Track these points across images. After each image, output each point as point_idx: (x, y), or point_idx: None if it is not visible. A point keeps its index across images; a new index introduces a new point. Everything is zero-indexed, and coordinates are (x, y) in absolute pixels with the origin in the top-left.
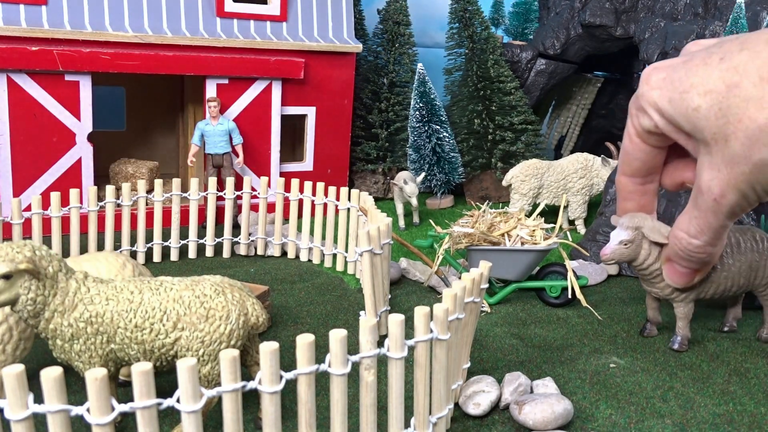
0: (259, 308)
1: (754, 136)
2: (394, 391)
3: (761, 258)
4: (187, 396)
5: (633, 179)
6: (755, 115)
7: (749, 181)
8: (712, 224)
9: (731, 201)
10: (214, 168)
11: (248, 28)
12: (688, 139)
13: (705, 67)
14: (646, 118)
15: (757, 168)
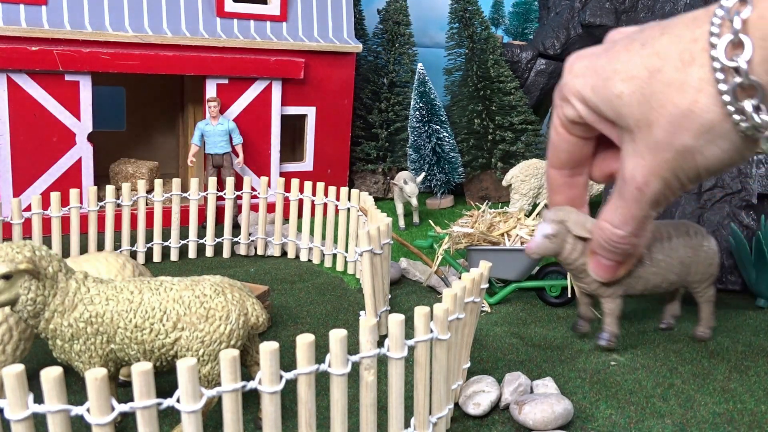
0: (259, 308)
1: (677, 122)
2: (394, 391)
3: (694, 254)
4: (187, 396)
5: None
6: (677, 100)
7: (672, 168)
8: (635, 214)
9: (654, 189)
10: (214, 168)
11: (248, 28)
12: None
13: (627, 53)
14: (569, 107)
15: (680, 154)
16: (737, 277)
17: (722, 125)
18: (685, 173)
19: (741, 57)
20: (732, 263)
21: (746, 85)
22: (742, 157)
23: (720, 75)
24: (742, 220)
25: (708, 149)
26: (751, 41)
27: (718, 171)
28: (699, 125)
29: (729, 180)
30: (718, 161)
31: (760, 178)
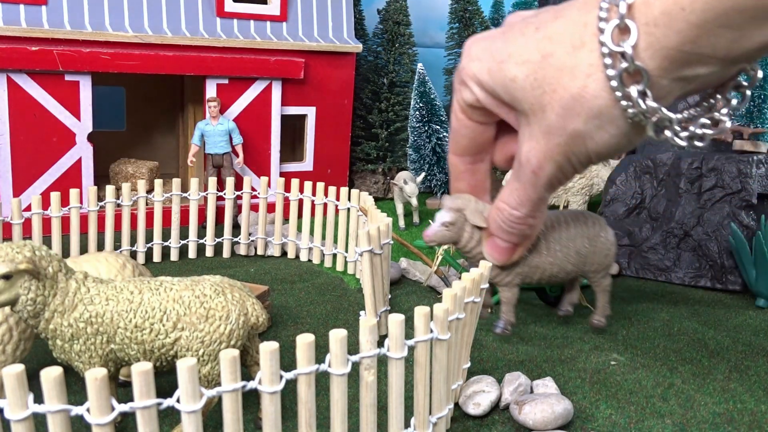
0: (259, 308)
1: (568, 106)
2: (394, 391)
3: (591, 244)
4: (187, 396)
5: (463, 158)
6: (569, 85)
7: (565, 152)
8: (531, 196)
9: (548, 172)
10: (214, 168)
11: (248, 28)
12: (510, 112)
13: (522, 36)
14: (467, 91)
15: (572, 139)
16: (737, 277)
17: (611, 111)
18: (577, 157)
19: (627, 42)
20: (732, 263)
21: (632, 70)
22: (631, 142)
23: (608, 60)
24: (742, 220)
25: (598, 134)
26: (636, 26)
27: (608, 155)
28: (588, 110)
29: (729, 180)
30: (608, 146)
31: (760, 178)
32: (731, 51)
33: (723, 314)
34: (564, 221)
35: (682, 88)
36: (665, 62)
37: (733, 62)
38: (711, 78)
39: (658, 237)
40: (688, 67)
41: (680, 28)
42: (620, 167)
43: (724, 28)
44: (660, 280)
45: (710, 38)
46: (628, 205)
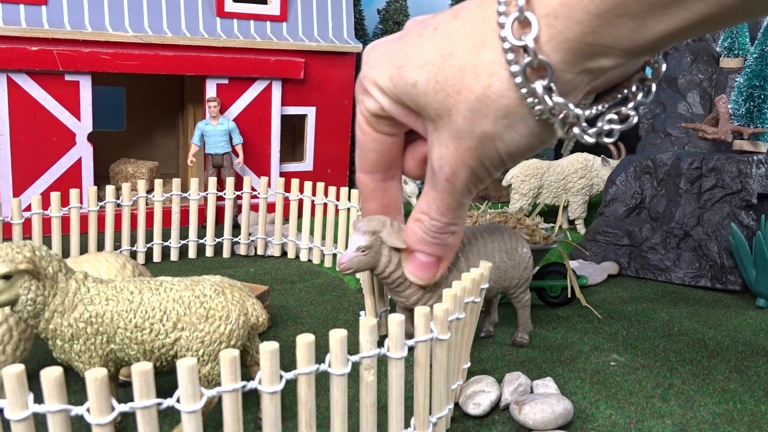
0: (259, 308)
1: (475, 108)
2: (394, 391)
3: (510, 258)
4: (187, 396)
5: (372, 176)
6: (472, 85)
7: (477, 156)
8: (450, 204)
9: (463, 178)
10: (214, 168)
11: (248, 28)
12: (417, 119)
13: (420, 38)
14: (370, 100)
15: (481, 141)
16: (737, 277)
17: (518, 109)
18: (490, 160)
19: (528, 35)
20: (732, 263)
21: (535, 64)
22: (543, 142)
23: (510, 56)
24: (742, 220)
25: (507, 135)
26: (537, 19)
27: (521, 156)
28: (496, 110)
29: (729, 180)
30: (519, 146)
31: (760, 178)
32: (633, 41)
33: (723, 314)
34: (481, 236)
35: (588, 82)
36: (568, 55)
37: (637, 53)
38: (616, 72)
39: (658, 237)
40: (591, 59)
41: (580, 19)
42: (620, 167)
43: (624, 17)
44: (660, 280)
45: (611, 28)
46: (628, 205)
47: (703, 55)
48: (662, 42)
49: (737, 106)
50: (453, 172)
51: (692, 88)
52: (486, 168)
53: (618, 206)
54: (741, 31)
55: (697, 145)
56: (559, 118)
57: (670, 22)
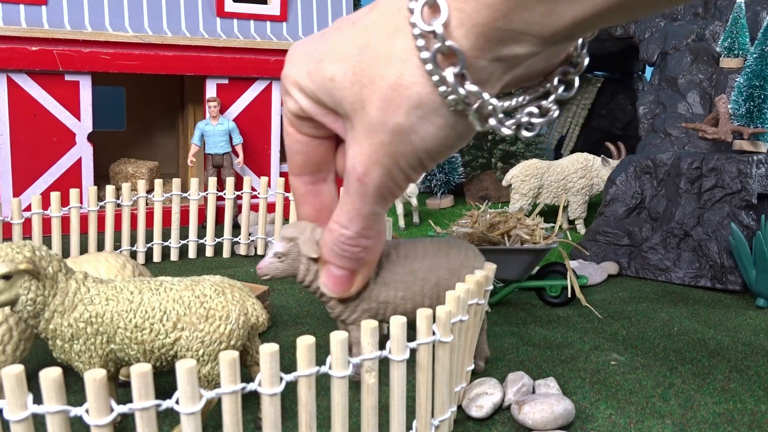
0: (259, 308)
1: (388, 98)
2: (395, 394)
3: (452, 276)
4: (186, 397)
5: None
6: (385, 73)
7: (391, 153)
8: (360, 210)
9: (376, 179)
10: (214, 168)
11: (248, 28)
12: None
13: (339, 32)
14: (290, 100)
15: (395, 135)
16: (737, 277)
17: (431, 98)
18: (406, 159)
19: (437, 20)
20: (732, 263)
21: (445, 51)
22: (460, 136)
23: (420, 42)
24: (742, 220)
25: (422, 127)
26: (447, 3)
27: (439, 154)
28: (408, 99)
29: (729, 180)
30: (436, 142)
31: (760, 178)
32: (545, 27)
33: (723, 314)
34: (422, 251)
35: (504, 70)
36: (480, 40)
37: (551, 40)
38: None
39: (658, 237)
40: (504, 46)
41: (490, 2)
42: (620, 167)
43: (534, 1)
44: (660, 280)
45: (522, 12)
46: (628, 205)
47: (703, 55)
48: (576, 28)
49: (737, 106)
50: (365, 171)
51: (692, 88)
52: (402, 169)
53: (618, 206)
54: (741, 31)
55: (697, 145)
56: (474, 107)
57: (580, 8)
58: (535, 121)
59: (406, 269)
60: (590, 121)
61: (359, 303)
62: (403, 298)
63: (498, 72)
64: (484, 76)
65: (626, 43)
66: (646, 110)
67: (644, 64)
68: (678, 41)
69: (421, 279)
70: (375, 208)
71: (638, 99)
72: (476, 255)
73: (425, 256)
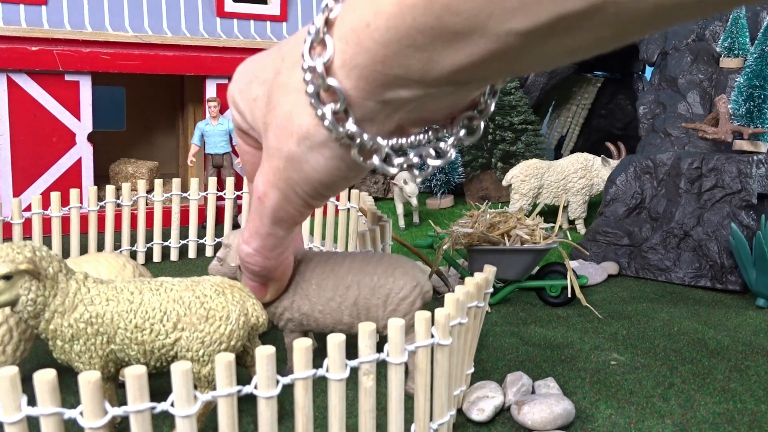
0: (259, 309)
1: (282, 125)
2: (393, 397)
3: (374, 297)
4: (181, 400)
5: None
6: (283, 101)
7: (286, 179)
8: (259, 229)
9: (273, 201)
10: (214, 168)
11: (248, 28)
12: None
13: (268, 56)
14: (233, 113)
15: (289, 162)
16: (737, 277)
17: (318, 131)
18: (301, 186)
19: (319, 58)
20: (732, 263)
21: (326, 88)
22: (351, 168)
23: (308, 76)
24: (742, 220)
25: (312, 158)
26: (333, 42)
27: (334, 184)
28: (298, 128)
29: (729, 180)
30: (328, 173)
31: (760, 178)
32: (426, 73)
33: (723, 314)
34: (347, 267)
35: (390, 111)
36: (360, 82)
37: (435, 85)
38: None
39: (658, 237)
40: (387, 89)
41: (368, 46)
42: (620, 167)
43: (411, 48)
44: (660, 280)
45: (400, 59)
46: (628, 205)
47: (703, 55)
48: (458, 75)
49: (737, 106)
50: (264, 192)
51: (692, 88)
52: (298, 194)
53: (618, 206)
54: (741, 31)
55: (697, 145)
56: (356, 143)
57: (458, 57)
58: (430, 162)
59: (328, 284)
60: (590, 121)
61: (283, 312)
62: (321, 312)
63: (384, 112)
64: (369, 115)
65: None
66: (646, 110)
67: (644, 64)
68: (678, 41)
69: (339, 295)
70: (273, 229)
71: (638, 99)
72: (401, 276)
73: (349, 272)
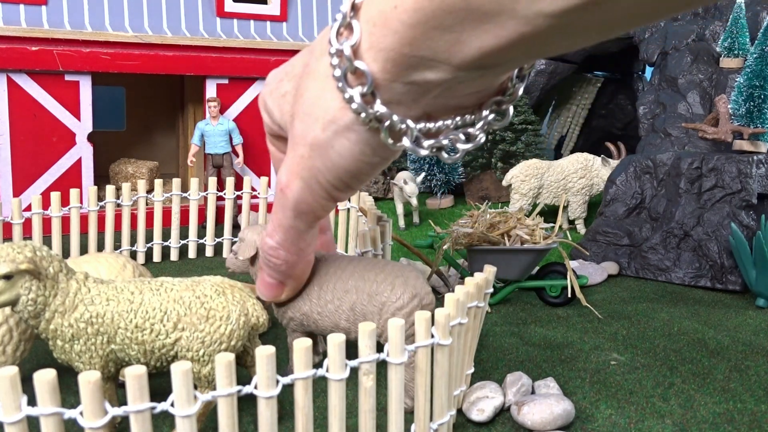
0: (259, 309)
1: (308, 111)
2: (393, 397)
3: (371, 304)
4: (181, 400)
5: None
6: (311, 86)
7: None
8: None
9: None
10: (214, 168)
11: (248, 28)
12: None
13: (299, 55)
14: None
15: (313, 149)
16: (737, 277)
17: (345, 114)
18: (324, 175)
19: (347, 41)
20: (732, 263)
21: (353, 70)
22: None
23: (335, 60)
24: (742, 220)
25: (338, 142)
26: (360, 25)
27: (359, 172)
28: (324, 113)
29: (729, 180)
30: (353, 158)
31: (760, 178)
32: (453, 55)
33: (723, 314)
34: (350, 271)
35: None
36: (388, 64)
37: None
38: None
39: (658, 237)
40: (414, 71)
41: (396, 28)
42: (620, 167)
43: (439, 30)
44: (660, 280)
45: (427, 41)
46: (628, 205)
47: (703, 55)
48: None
49: (737, 106)
50: (287, 183)
51: (692, 88)
52: (321, 185)
53: (618, 206)
54: (741, 31)
55: (697, 145)
56: (385, 125)
57: (486, 39)
58: (459, 146)
59: (329, 286)
60: (590, 121)
61: (286, 311)
62: (319, 314)
63: (411, 95)
64: (396, 98)
65: (626, 43)
66: (646, 110)
67: (644, 64)
68: (678, 41)
69: (338, 299)
70: (294, 222)
71: (638, 99)
72: (401, 285)
73: (350, 277)
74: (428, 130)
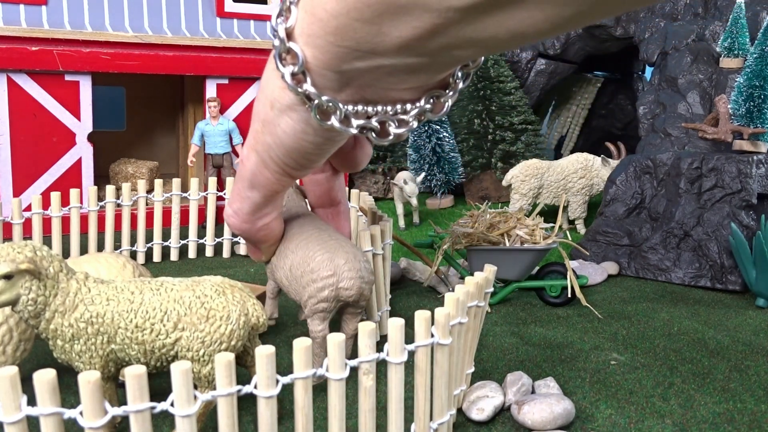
0: (259, 309)
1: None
2: (393, 397)
3: (299, 267)
4: (181, 400)
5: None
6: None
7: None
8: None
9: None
10: (214, 168)
11: (248, 28)
12: None
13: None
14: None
15: (265, 126)
16: (737, 277)
17: (285, 94)
18: (275, 151)
19: (283, 24)
20: (732, 263)
21: (285, 50)
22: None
23: (276, 42)
24: (742, 220)
25: (283, 121)
26: (296, 10)
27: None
28: (270, 91)
29: (729, 180)
30: (297, 138)
31: (760, 178)
32: (376, 46)
33: (723, 314)
34: (306, 233)
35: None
36: (316, 51)
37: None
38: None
39: (658, 237)
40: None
41: (321, 16)
42: (620, 167)
43: (360, 21)
44: (660, 280)
45: (350, 31)
46: (628, 205)
47: (703, 55)
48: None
49: (737, 106)
50: (246, 155)
51: (692, 88)
52: (273, 160)
53: (618, 206)
54: (741, 31)
55: (697, 145)
56: (315, 104)
57: (404, 30)
58: (391, 130)
59: (286, 243)
60: (590, 121)
61: (272, 274)
62: (276, 266)
63: (342, 79)
64: (326, 82)
65: (626, 43)
66: (646, 110)
67: (644, 64)
68: (678, 41)
69: (285, 257)
70: (251, 193)
71: (638, 99)
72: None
73: (301, 239)
74: (364, 112)
